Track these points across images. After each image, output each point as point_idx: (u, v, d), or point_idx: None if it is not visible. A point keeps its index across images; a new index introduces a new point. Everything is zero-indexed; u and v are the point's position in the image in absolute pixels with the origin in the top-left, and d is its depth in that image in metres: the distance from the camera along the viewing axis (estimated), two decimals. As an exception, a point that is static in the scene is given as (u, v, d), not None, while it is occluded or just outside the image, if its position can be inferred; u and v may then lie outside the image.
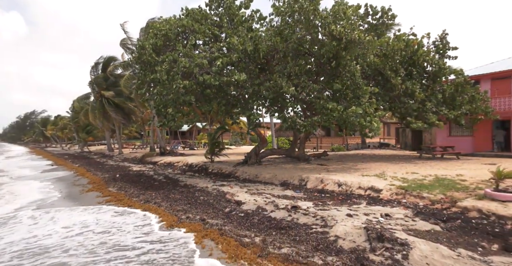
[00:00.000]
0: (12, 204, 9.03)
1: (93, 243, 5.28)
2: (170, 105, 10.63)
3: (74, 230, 6.10)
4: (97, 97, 27.79)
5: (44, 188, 11.76)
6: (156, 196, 8.70)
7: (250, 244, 4.55)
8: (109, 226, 6.28)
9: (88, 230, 6.06)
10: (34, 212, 7.82)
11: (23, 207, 8.55)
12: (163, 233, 5.56)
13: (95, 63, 27.51)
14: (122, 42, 21.66)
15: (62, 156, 32.04)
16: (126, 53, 22.71)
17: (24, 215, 7.60)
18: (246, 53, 9.92)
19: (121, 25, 21.21)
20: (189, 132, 42.34)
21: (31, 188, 12.00)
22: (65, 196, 9.89)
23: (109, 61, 26.82)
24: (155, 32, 10.23)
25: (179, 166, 15.85)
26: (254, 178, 10.60)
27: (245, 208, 6.64)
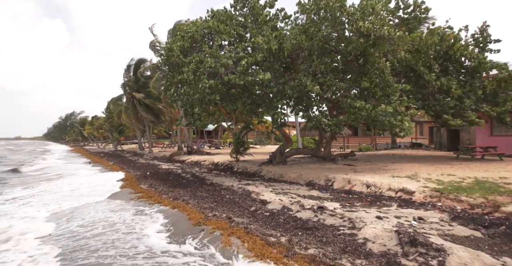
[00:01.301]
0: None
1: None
2: (196, 105, 10.90)
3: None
4: (129, 99, 29.25)
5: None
6: (184, 193, 8.95)
7: (276, 244, 4.54)
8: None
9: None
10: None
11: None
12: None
13: (127, 66, 28.97)
14: (151, 45, 22.56)
15: (98, 154, 34.09)
16: (155, 55, 23.65)
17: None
18: (271, 53, 9.90)
19: (150, 28, 22.11)
20: (215, 131, 43.15)
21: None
22: (103, 192, 10.47)
23: (140, 63, 28.10)
24: (182, 34, 10.54)
25: (206, 165, 16.22)
26: (279, 177, 10.57)
27: (270, 207, 6.64)
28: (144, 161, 21.67)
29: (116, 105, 36.05)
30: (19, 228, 6.49)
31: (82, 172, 17.59)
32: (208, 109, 12.23)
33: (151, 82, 24.13)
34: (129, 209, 7.87)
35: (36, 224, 6.74)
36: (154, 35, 22.13)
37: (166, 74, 12.53)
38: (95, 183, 12.80)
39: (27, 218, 7.38)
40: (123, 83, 29.43)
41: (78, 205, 8.65)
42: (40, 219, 7.25)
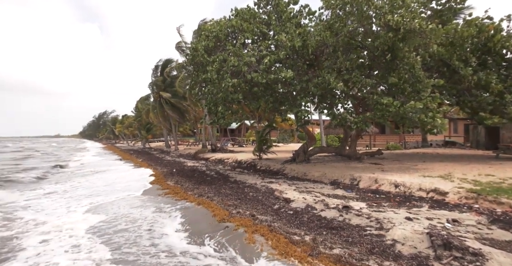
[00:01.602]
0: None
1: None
2: (220, 103, 11.06)
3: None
4: (156, 98, 30.33)
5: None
6: (208, 190, 9.13)
7: (300, 242, 4.51)
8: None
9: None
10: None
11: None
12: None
13: (155, 66, 30.05)
14: (178, 45, 23.17)
15: (128, 151, 35.74)
16: (181, 56, 24.27)
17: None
18: (294, 50, 9.78)
19: (177, 28, 22.70)
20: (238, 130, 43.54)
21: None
22: (135, 188, 10.90)
23: (167, 63, 29.04)
24: (206, 34, 10.73)
25: (229, 162, 16.43)
26: (302, 176, 10.46)
27: (294, 205, 6.60)
28: (170, 158, 22.39)
29: (144, 104, 37.56)
30: (62, 220, 6.99)
31: (115, 168, 18.52)
32: (232, 107, 12.37)
33: (177, 82, 24.84)
34: (160, 203, 8.17)
35: (72, 218, 7.17)
36: (180, 35, 22.72)
37: (191, 74, 12.83)
38: (128, 179, 13.42)
39: (68, 210, 7.92)
40: (150, 83, 30.58)
41: (115, 199, 9.06)
42: (79, 212, 7.71)
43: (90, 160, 25.41)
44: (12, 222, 6.83)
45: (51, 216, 7.28)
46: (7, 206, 8.47)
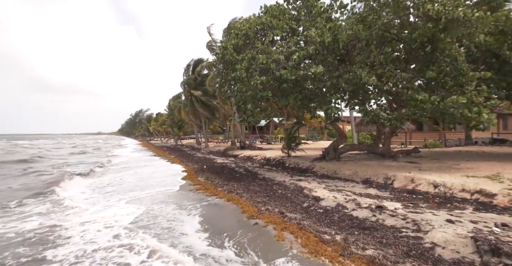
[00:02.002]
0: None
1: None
2: (249, 101, 11.13)
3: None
4: (188, 96, 31.36)
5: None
6: (238, 187, 9.26)
7: (331, 242, 4.42)
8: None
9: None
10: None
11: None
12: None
13: (186, 66, 31.09)
14: (208, 44, 23.70)
15: (162, 148, 37.41)
16: (211, 54, 24.81)
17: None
18: (324, 45, 9.53)
19: (207, 28, 23.22)
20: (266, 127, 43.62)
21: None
22: (168, 183, 11.37)
23: (198, 63, 29.88)
24: (236, 32, 10.84)
25: (258, 160, 16.53)
26: (332, 174, 10.22)
27: (323, 204, 6.48)
28: (201, 155, 23.06)
29: (176, 102, 39.04)
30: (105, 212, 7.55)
31: (151, 164, 19.48)
32: (260, 105, 12.40)
33: (207, 80, 25.46)
34: (191, 199, 8.47)
35: (112, 211, 7.70)
36: (210, 35, 23.21)
37: (221, 72, 13.07)
38: (163, 174, 14.03)
39: (109, 204, 8.53)
40: (182, 82, 31.66)
41: (155, 193, 9.47)
42: (121, 206, 8.25)
43: (130, 156, 26.94)
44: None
45: (94, 206, 7.92)
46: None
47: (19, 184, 11.86)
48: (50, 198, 9.07)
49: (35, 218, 6.87)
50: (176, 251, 4.75)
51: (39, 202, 8.52)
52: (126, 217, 6.78)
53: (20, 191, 10.24)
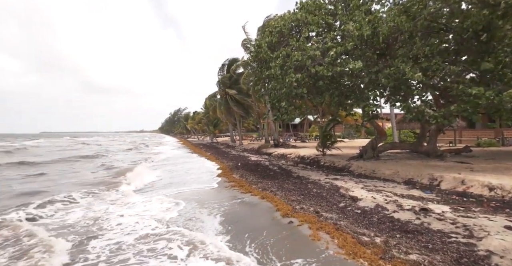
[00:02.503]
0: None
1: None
2: (283, 99, 11.05)
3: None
4: (222, 95, 32.10)
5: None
6: (272, 185, 9.27)
7: (370, 244, 4.24)
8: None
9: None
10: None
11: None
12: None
13: (221, 65, 31.80)
14: (243, 43, 23.98)
15: (198, 145, 38.81)
16: (245, 53, 25.07)
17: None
18: (363, 39, 9.10)
19: (242, 27, 23.50)
20: (301, 125, 43.01)
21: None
22: (205, 180, 11.70)
23: (232, 62, 30.43)
24: (270, 30, 10.82)
25: (292, 158, 16.40)
26: (371, 173, 9.78)
27: (361, 204, 6.23)
28: (235, 153, 23.48)
29: (212, 101, 40.16)
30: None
31: (189, 160, 20.35)
32: (295, 103, 12.25)
33: (242, 79, 25.80)
34: (227, 195, 8.69)
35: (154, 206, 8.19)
36: (245, 33, 23.45)
37: (255, 70, 13.15)
38: (200, 171, 14.58)
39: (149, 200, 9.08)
40: (218, 81, 32.46)
41: (193, 190, 9.78)
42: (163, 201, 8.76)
43: (171, 153, 28.28)
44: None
45: (142, 197, 8.51)
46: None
47: (94, 177, 13.10)
48: (114, 189, 10.07)
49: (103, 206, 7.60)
50: (221, 243, 4.90)
51: (109, 191, 9.60)
52: (166, 212, 7.10)
53: (93, 183, 11.31)
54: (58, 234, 5.61)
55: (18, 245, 4.97)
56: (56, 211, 7.37)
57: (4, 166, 17.15)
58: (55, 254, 4.61)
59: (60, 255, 4.63)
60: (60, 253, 4.70)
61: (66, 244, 5.11)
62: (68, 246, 5.03)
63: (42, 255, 4.54)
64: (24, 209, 7.19)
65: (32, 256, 4.49)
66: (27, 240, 5.16)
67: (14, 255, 4.59)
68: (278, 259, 4.18)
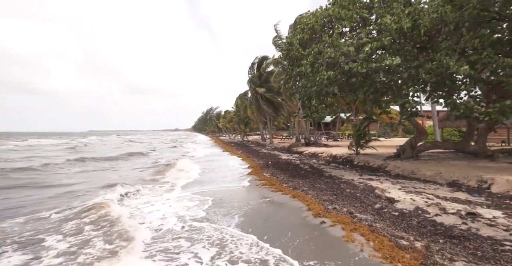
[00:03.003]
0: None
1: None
2: (313, 97, 10.83)
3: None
4: (253, 94, 32.32)
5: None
6: (303, 184, 9.16)
7: (409, 248, 4.01)
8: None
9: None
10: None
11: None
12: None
13: (251, 64, 32.03)
14: (274, 40, 23.91)
15: (230, 143, 39.57)
16: (276, 51, 24.99)
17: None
18: (402, 33, 8.57)
19: (274, 26, 23.44)
20: (333, 123, 41.90)
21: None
22: (236, 178, 11.88)
23: (262, 60, 30.50)
24: (302, 27, 10.64)
25: (323, 157, 16.04)
26: (409, 174, 9.23)
27: (399, 206, 5.92)
28: (266, 151, 23.54)
29: (243, 100, 40.65)
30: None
31: (220, 158, 20.85)
32: (326, 101, 11.95)
33: (272, 77, 25.78)
34: (259, 193, 8.76)
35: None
36: (277, 31, 23.36)
37: (286, 68, 13.04)
38: (231, 168, 14.91)
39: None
40: (248, 80, 32.74)
41: (223, 187, 9.96)
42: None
43: (204, 151, 29.18)
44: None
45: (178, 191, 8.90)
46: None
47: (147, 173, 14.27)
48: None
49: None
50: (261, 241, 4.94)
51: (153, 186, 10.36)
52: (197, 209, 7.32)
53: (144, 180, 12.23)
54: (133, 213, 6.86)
55: (107, 221, 6.20)
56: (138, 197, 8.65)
57: (83, 160, 19.54)
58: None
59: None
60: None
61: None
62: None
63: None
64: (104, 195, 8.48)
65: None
66: (114, 216, 6.50)
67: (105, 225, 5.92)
68: (311, 258, 4.12)
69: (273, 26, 23.45)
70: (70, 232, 5.58)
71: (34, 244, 5.08)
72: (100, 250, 4.70)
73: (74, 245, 4.97)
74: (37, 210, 7.32)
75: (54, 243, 5.07)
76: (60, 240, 5.20)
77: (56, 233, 5.56)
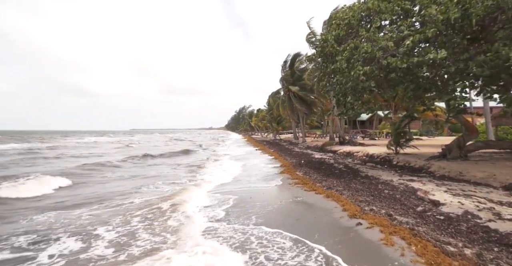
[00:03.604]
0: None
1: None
2: (349, 93, 10.46)
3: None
4: (285, 92, 32.14)
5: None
6: (337, 183, 8.93)
7: (457, 255, 3.72)
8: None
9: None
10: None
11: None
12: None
13: (284, 62, 31.83)
14: (307, 37, 23.54)
15: (262, 142, 39.79)
16: (310, 48, 24.56)
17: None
18: (449, 24, 7.89)
19: (307, 23, 23.08)
20: (369, 121, 40.15)
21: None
22: (268, 176, 11.82)
23: (295, 58, 30.16)
24: (337, 22, 10.31)
25: (359, 156, 15.46)
26: (457, 175, 8.54)
27: (445, 210, 5.51)
28: (298, 150, 23.28)
29: (275, 98, 40.59)
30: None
31: (253, 156, 21.11)
32: (362, 97, 11.46)
33: (305, 75, 25.38)
34: (291, 192, 8.72)
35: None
36: (310, 28, 22.98)
37: (320, 65, 12.75)
38: (265, 166, 15.00)
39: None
40: (280, 78, 32.60)
41: (256, 185, 10.02)
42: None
43: (237, 149, 29.74)
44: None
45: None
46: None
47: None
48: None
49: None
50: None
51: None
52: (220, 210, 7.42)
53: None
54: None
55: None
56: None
57: (152, 157, 21.45)
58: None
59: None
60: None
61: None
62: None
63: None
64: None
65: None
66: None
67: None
68: (347, 260, 4.01)
69: (305, 24, 23.09)
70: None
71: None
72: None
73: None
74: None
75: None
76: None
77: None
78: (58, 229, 5.67)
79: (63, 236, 5.32)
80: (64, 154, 23.61)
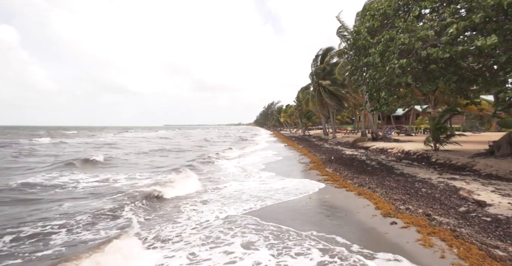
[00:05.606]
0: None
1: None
2: (383, 88, 9.99)
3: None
4: (316, 87, 31.49)
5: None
6: (369, 181, 8.64)
7: (507, 260, 3.46)
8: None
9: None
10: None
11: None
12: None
13: (315, 56, 31.17)
14: (338, 31, 22.82)
15: (291, 138, 39.47)
16: (341, 41, 23.78)
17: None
18: (501, 8, 7.17)
19: (337, 17, 22.35)
20: (405, 116, 38.05)
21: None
22: (297, 172, 11.74)
23: (326, 52, 29.38)
24: (372, 13, 9.85)
25: (393, 153, 14.79)
26: (506, 174, 7.87)
27: (492, 211, 5.12)
28: (328, 146, 22.80)
29: (305, 93, 39.99)
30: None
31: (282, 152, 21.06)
32: (397, 92, 10.88)
33: (336, 69, 24.64)
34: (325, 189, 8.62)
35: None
36: (340, 22, 22.26)
37: (352, 59, 12.31)
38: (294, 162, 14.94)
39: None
40: (311, 73, 31.97)
41: (286, 183, 9.84)
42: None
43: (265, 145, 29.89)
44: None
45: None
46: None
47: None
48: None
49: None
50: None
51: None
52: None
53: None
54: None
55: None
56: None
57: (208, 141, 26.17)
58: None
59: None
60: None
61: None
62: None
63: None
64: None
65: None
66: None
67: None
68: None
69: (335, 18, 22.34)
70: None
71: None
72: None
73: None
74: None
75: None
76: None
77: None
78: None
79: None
80: (152, 149, 23.29)
